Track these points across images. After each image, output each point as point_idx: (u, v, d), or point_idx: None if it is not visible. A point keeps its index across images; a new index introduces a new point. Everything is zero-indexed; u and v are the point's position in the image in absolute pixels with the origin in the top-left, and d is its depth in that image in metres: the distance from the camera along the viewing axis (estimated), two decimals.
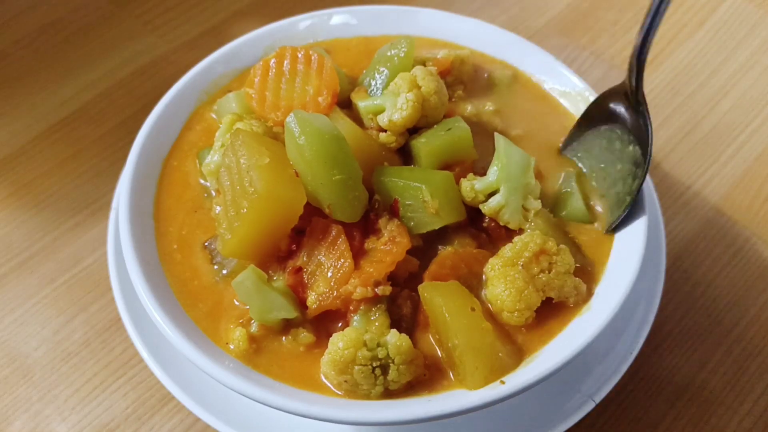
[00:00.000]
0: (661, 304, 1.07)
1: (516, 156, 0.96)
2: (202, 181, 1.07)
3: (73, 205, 1.30)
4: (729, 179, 1.34)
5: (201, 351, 0.87)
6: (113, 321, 1.15)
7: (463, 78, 1.15)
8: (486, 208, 0.96)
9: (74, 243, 1.25)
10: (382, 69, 1.07)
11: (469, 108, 1.13)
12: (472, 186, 0.96)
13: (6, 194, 1.31)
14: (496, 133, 0.99)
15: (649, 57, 1.53)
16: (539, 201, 0.97)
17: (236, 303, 0.95)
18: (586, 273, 0.97)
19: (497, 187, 0.95)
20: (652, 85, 1.49)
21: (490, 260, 0.93)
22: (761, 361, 1.13)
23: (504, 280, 0.90)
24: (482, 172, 0.98)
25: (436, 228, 0.94)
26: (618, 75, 1.50)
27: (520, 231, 0.96)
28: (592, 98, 1.12)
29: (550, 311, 0.93)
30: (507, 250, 0.92)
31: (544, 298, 0.91)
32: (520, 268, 0.90)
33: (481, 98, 1.15)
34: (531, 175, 0.96)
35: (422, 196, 0.92)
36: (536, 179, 0.98)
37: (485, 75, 1.18)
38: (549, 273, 0.91)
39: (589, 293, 0.95)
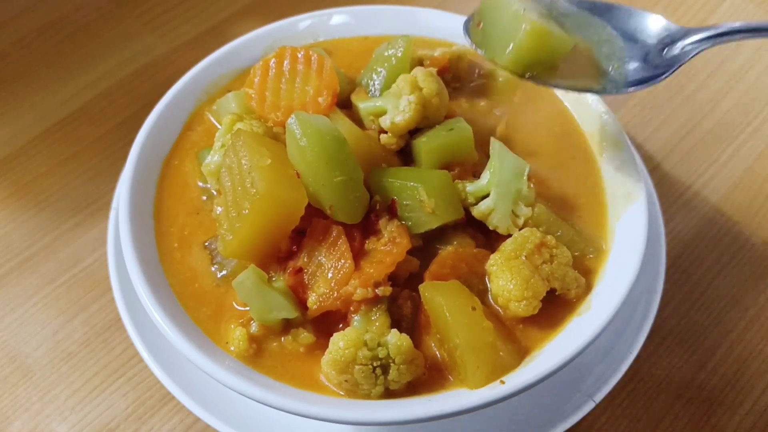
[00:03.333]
0: (661, 304, 1.07)
1: (509, 161, 0.96)
2: (201, 184, 1.07)
3: (73, 205, 1.30)
4: (729, 179, 1.34)
5: (201, 351, 0.87)
6: (113, 321, 1.15)
7: (461, 74, 1.16)
8: (475, 211, 0.96)
9: (74, 243, 1.25)
10: (380, 69, 1.08)
11: (463, 103, 1.13)
12: (464, 187, 0.96)
13: (6, 194, 1.31)
14: (492, 138, 1.00)
15: None
16: (530, 208, 0.97)
17: (236, 303, 0.96)
18: (586, 266, 0.98)
19: (488, 190, 0.95)
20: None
21: (492, 256, 0.94)
22: (761, 361, 1.13)
23: (509, 270, 0.90)
24: (480, 174, 0.98)
25: (434, 227, 0.94)
26: None
27: (509, 237, 0.96)
28: (591, 98, 1.11)
29: (551, 309, 0.93)
30: (508, 245, 0.93)
31: (548, 288, 0.91)
32: (524, 259, 0.91)
33: (478, 96, 1.16)
34: (524, 182, 0.97)
35: (418, 195, 0.92)
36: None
37: (480, 71, 1.18)
38: (551, 264, 0.92)
39: (588, 286, 0.95)
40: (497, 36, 0.97)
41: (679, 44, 0.97)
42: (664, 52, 0.98)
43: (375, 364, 0.85)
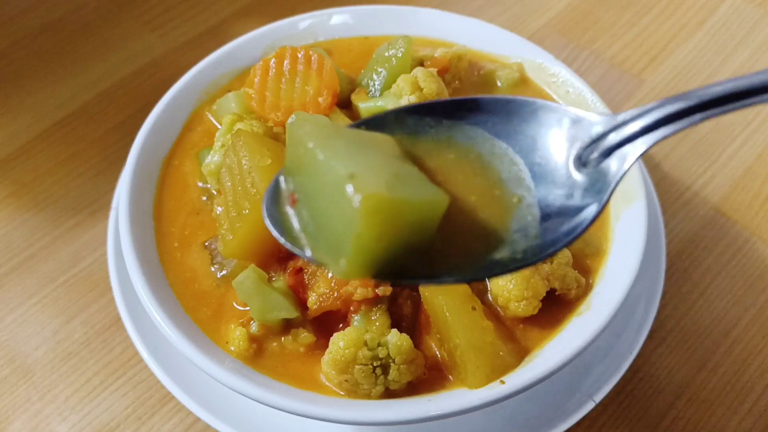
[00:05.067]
0: (661, 304, 1.07)
1: None
2: (201, 184, 1.07)
3: (73, 205, 1.29)
4: (729, 179, 1.34)
5: (201, 351, 0.87)
6: (113, 321, 1.15)
7: (461, 74, 1.16)
8: None
9: (74, 243, 1.24)
10: (380, 69, 1.08)
11: None
12: None
13: (6, 194, 1.31)
14: None
15: (650, 57, 1.54)
16: None
17: (236, 304, 0.96)
18: (586, 266, 0.98)
19: None
20: (652, 84, 1.49)
21: None
22: (761, 361, 1.13)
23: None
24: None
25: None
26: (618, 75, 1.50)
27: None
28: (591, 98, 1.11)
29: (551, 308, 0.93)
30: None
31: (548, 288, 0.91)
32: None
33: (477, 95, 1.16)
34: None
35: None
36: None
37: (480, 71, 1.18)
38: (551, 264, 0.92)
39: (588, 286, 0.95)
40: (321, 225, 0.59)
41: (601, 146, 0.61)
42: (583, 159, 0.62)
43: (375, 363, 0.85)
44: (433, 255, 0.59)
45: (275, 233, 0.63)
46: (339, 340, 0.85)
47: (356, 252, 0.55)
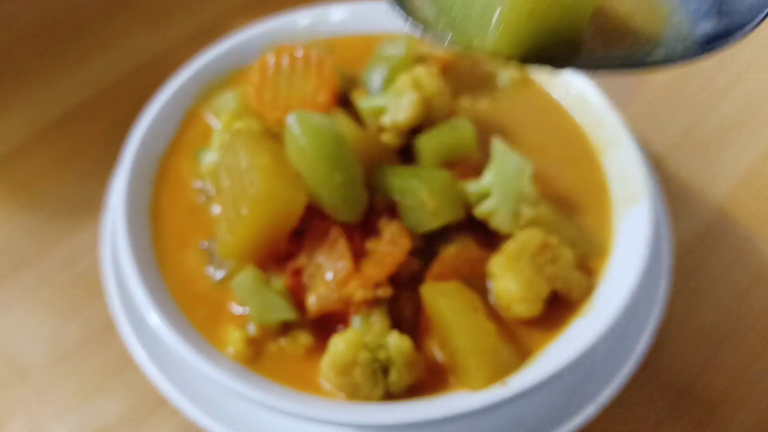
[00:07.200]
0: (665, 305, 1.07)
1: (511, 161, 0.96)
2: (198, 184, 1.06)
3: (70, 205, 1.29)
4: (732, 179, 1.33)
5: (198, 353, 0.87)
6: (110, 323, 1.14)
7: (463, 72, 1.15)
8: (477, 211, 0.95)
9: (72, 243, 1.24)
10: (381, 68, 1.07)
11: (465, 102, 1.13)
12: (464, 188, 0.96)
13: (3, 194, 1.30)
14: (493, 138, 0.99)
15: None
16: (533, 208, 0.96)
17: (234, 305, 0.95)
18: (589, 267, 0.97)
19: (490, 190, 0.95)
20: (654, 83, 1.48)
21: (494, 257, 0.93)
22: (764, 361, 1.12)
23: (511, 271, 0.90)
24: (482, 173, 0.98)
25: (435, 227, 0.93)
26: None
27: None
28: (593, 95, 1.11)
29: (554, 310, 0.92)
30: (510, 245, 0.93)
31: (551, 290, 0.91)
32: (527, 260, 0.91)
33: (479, 95, 1.15)
34: (526, 182, 0.96)
35: (420, 195, 0.92)
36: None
37: (482, 71, 1.18)
38: (554, 264, 0.92)
39: (592, 288, 0.94)
40: (462, 4, 0.56)
41: None
42: None
43: (375, 366, 0.84)
44: (584, 43, 0.56)
45: (403, 17, 0.59)
46: (339, 342, 0.84)
47: (507, 26, 0.51)
